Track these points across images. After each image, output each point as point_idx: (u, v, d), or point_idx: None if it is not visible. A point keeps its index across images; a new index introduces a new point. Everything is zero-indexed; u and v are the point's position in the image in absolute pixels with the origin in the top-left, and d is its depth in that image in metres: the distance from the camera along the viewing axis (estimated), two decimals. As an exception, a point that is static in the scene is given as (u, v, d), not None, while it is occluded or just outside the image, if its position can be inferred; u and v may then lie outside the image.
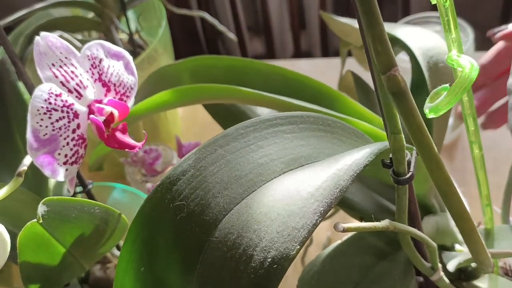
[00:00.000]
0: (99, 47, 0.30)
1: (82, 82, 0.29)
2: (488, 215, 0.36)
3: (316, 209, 0.22)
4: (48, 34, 0.28)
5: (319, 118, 0.30)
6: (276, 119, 0.28)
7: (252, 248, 0.22)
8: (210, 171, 0.26)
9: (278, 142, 0.27)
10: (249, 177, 0.26)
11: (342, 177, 0.24)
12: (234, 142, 0.27)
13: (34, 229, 0.28)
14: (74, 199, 0.29)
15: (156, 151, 0.64)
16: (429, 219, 0.37)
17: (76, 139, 0.28)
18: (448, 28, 0.26)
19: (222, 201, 0.25)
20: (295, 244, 0.21)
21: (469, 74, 0.21)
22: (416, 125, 0.21)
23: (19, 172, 0.29)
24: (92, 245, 0.32)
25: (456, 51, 0.26)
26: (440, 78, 0.37)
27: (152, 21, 0.73)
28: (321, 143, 0.29)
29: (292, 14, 1.38)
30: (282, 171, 0.26)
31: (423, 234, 0.29)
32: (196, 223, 0.25)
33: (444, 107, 0.21)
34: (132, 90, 0.32)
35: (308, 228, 0.22)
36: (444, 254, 0.37)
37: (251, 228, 0.23)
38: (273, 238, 0.22)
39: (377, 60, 0.20)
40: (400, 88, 0.20)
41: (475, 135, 0.32)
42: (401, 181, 0.26)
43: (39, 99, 0.27)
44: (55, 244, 0.30)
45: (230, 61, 0.42)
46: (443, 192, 0.25)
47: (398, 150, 0.25)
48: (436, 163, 0.23)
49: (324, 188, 0.23)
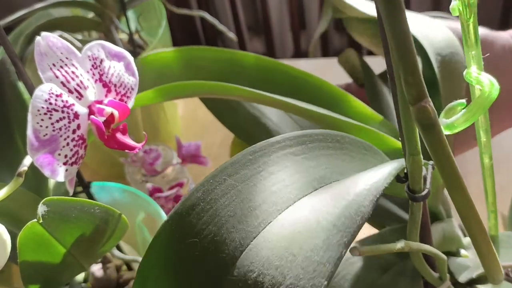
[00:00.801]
0: (100, 47, 0.30)
1: (82, 82, 0.29)
2: (493, 221, 0.36)
3: (340, 240, 0.21)
4: (49, 34, 0.28)
5: (327, 135, 0.28)
6: (284, 141, 0.27)
7: (277, 287, 0.21)
8: (221, 203, 0.24)
9: (289, 166, 0.26)
10: (263, 208, 0.24)
11: (362, 203, 0.23)
12: (244, 169, 0.25)
13: (34, 229, 0.28)
14: (74, 199, 0.29)
15: (156, 151, 0.64)
16: (436, 226, 0.37)
17: (76, 139, 0.29)
18: (470, 44, 0.25)
19: (237, 237, 0.23)
20: (322, 279, 0.20)
21: (489, 93, 0.21)
22: (445, 157, 0.20)
23: (19, 173, 0.29)
24: (92, 245, 0.32)
25: (476, 67, 0.25)
26: (451, 79, 0.37)
27: (152, 21, 0.73)
28: (331, 162, 0.27)
29: (292, 14, 1.38)
30: (297, 198, 0.25)
31: (435, 250, 0.28)
32: (212, 261, 0.23)
33: (460, 125, 0.21)
34: (133, 90, 0.32)
35: (333, 261, 0.21)
36: (450, 261, 0.37)
37: (273, 265, 0.21)
38: (298, 274, 0.21)
39: (406, 91, 0.19)
40: (430, 120, 0.19)
41: (486, 146, 0.32)
42: (417, 198, 0.25)
43: (40, 99, 0.27)
44: (55, 244, 0.30)
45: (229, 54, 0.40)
46: (464, 217, 0.24)
47: (415, 170, 0.24)
48: (460, 190, 0.22)
49: (346, 217, 0.22)
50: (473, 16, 0.24)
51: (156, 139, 0.73)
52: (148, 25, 0.74)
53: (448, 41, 0.39)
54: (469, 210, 0.24)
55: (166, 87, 0.37)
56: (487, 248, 0.26)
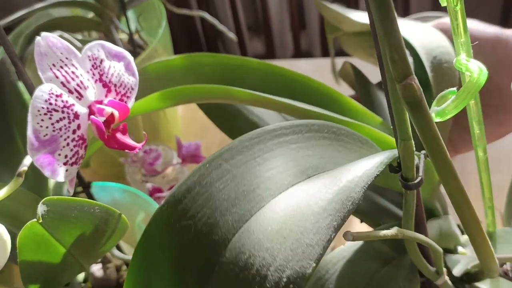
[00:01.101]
0: (100, 47, 0.30)
1: (82, 82, 0.29)
2: (490, 218, 0.36)
3: (330, 223, 0.21)
4: (49, 34, 0.28)
5: (324, 125, 0.29)
6: (280, 129, 0.27)
7: (266, 268, 0.21)
8: (216, 187, 0.25)
9: (284, 154, 0.26)
10: (257, 192, 0.24)
11: (353, 189, 0.23)
12: (239, 155, 0.26)
13: (34, 229, 0.28)
14: (74, 199, 0.29)
15: (156, 151, 0.64)
16: (433, 222, 0.37)
17: (76, 139, 0.29)
18: (457, 32, 0.26)
19: (230, 219, 0.24)
20: (310, 261, 0.20)
21: (477, 79, 0.21)
22: (431, 135, 0.21)
23: (19, 173, 0.29)
24: (92, 245, 0.32)
25: (465, 55, 0.26)
26: (444, 78, 0.37)
27: (152, 21, 0.73)
28: (327, 152, 0.28)
29: (292, 14, 1.38)
30: (290, 184, 0.25)
31: (430, 240, 0.28)
32: (205, 243, 0.24)
33: (451, 112, 0.21)
34: (133, 90, 0.32)
35: (322, 244, 0.21)
36: (448, 257, 0.37)
37: (263, 247, 0.22)
38: (287, 256, 0.21)
39: (393, 69, 0.19)
40: (416, 97, 0.19)
41: (480, 139, 0.32)
42: (410, 186, 0.26)
43: (40, 99, 0.27)
44: (55, 244, 0.30)
45: (227, 59, 0.40)
46: (456, 201, 0.24)
47: (407, 156, 0.25)
48: (450, 172, 0.23)
49: (336, 202, 0.22)
50: (460, 3, 0.24)
51: (156, 139, 0.73)
52: (148, 25, 0.74)
53: (439, 42, 0.39)
54: (459, 192, 0.24)
55: (171, 90, 0.37)
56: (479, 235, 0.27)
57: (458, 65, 0.23)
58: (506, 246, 0.35)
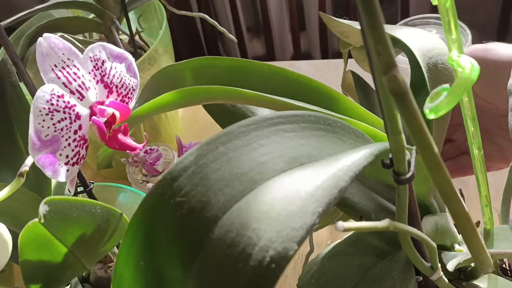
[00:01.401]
0: (101, 48, 0.30)
1: (84, 83, 0.29)
2: (488, 216, 0.37)
3: (315, 209, 0.22)
4: (50, 35, 0.28)
5: (320, 117, 0.30)
6: (277, 118, 0.28)
7: (251, 247, 0.22)
8: (212, 168, 0.26)
9: (279, 141, 0.27)
10: (250, 175, 0.26)
11: (341, 177, 0.24)
12: (236, 139, 0.27)
13: (35, 228, 0.28)
14: (75, 199, 0.29)
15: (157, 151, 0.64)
16: (429, 219, 0.37)
17: (77, 140, 0.29)
18: (448, 29, 0.26)
19: (222, 199, 0.25)
20: (293, 244, 0.21)
21: (469, 74, 0.21)
22: (417, 126, 0.21)
23: (20, 173, 0.29)
24: (94, 244, 0.33)
25: (457, 51, 0.26)
26: (440, 79, 0.37)
27: (152, 22, 0.74)
28: (322, 143, 0.29)
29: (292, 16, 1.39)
30: (283, 170, 0.26)
31: (423, 234, 0.29)
32: (196, 220, 0.25)
33: (444, 108, 0.21)
34: (134, 91, 0.32)
35: (306, 228, 0.22)
36: (444, 254, 0.37)
37: (250, 227, 0.23)
38: (272, 237, 0.22)
39: (378, 61, 0.20)
40: (401, 89, 0.20)
41: (475, 136, 0.32)
42: (402, 181, 0.26)
43: (42, 100, 0.27)
44: (57, 244, 0.30)
45: (231, 61, 0.42)
46: (444, 193, 0.25)
47: (398, 150, 0.25)
48: (437, 164, 0.23)
49: (323, 188, 0.23)
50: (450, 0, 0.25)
51: (157, 139, 0.73)
52: (148, 26, 0.75)
53: (434, 44, 0.39)
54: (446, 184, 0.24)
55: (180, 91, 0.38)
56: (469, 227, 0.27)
57: (450, 61, 0.24)
58: (503, 243, 0.35)
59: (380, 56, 0.20)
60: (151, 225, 0.26)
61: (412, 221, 0.32)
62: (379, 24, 0.19)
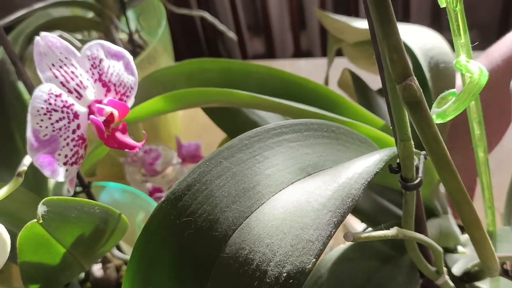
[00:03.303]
0: (99, 47, 0.30)
1: (82, 82, 0.29)
2: (490, 217, 0.36)
3: (330, 220, 0.22)
4: (48, 34, 0.28)
5: (323, 124, 0.29)
6: (280, 128, 0.27)
7: (266, 263, 0.21)
8: (216, 184, 0.25)
9: (283, 152, 0.27)
10: (257, 189, 0.25)
11: (353, 186, 0.23)
12: (239, 153, 0.26)
13: (34, 229, 0.28)
14: (74, 199, 0.29)
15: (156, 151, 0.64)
16: (433, 222, 0.37)
17: (76, 139, 0.28)
18: (457, 33, 0.26)
19: (231, 216, 0.24)
20: (310, 257, 0.21)
21: (478, 80, 0.21)
22: (432, 135, 0.21)
23: (19, 172, 0.29)
24: (92, 245, 0.32)
25: (465, 56, 0.26)
26: (442, 79, 0.37)
27: (152, 21, 0.73)
28: (326, 150, 0.28)
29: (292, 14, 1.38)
30: (290, 182, 0.25)
31: (430, 240, 0.28)
32: (205, 239, 0.24)
33: (451, 113, 0.21)
34: (132, 90, 0.32)
35: (323, 240, 0.21)
36: (447, 256, 0.37)
37: (263, 243, 0.22)
38: (287, 252, 0.21)
39: (392, 69, 0.19)
40: (416, 98, 0.19)
41: (480, 139, 0.32)
42: (409, 187, 0.26)
43: (39, 99, 0.27)
44: (55, 244, 0.30)
45: (226, 64, 0.41)
46: (456, 201, 0.24)
47: (407, 157, 0.25)
48: (450, 172, 0.23)
49: (336, 198, 0.22)
50: (460, 4, 0.24)
51: (156, 139, 0.73)
52: (148, 25, 0.74)
53: (435, 43, 0.39)
54: (459, 192, 0.24)
55: (174, 93, 0.37)
56: (480, 234, 0.27)
57: (458, 66, 0.23)
58: (506, 245, 0.35)
59: (394, 64, 0.19)
60: (157, 249, 0.25)
61: (418, 226, 0.31)
62: (394, 32, 0.19)
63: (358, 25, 0.44)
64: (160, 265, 0.25)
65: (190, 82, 0.41)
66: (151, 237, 0.25)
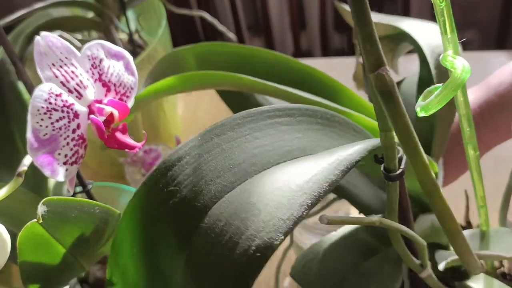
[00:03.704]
0: (99, 47, 0.30)
1: (82, 82, 0.29)
2: (484, 217, 0.36)
3: (304, 201, 0.22)
4: (48, 34, 0.28)
5: (317, 111, 0.30)
6: (274, 111, 0.28)
7: (238, 236, 0.22)
8: (205, 159, 0.26)
9: (274, 134, 0.28)
10: (242, 167, 0.26)
11: (332, 171, 0.24)
12: (231, 131, 0.27)
13: (34, 229, 0.28)
14: (74, 199, 0.29)
15: (156, 151, 0.64)
16: (425, 217, 0.37)
17: (76, 139, 0.28)
18: (444, 29, 0.26)
19: (214, 189, 0.25)
20: (279, 234, 0.22)
21: (460, 75, 0.21)
22: (402, 125, 0.21)
23: (19, 172, 0.29)
24: (92, 245, 0.32)
25: (452, 52, 0.26)
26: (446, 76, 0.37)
27: (152, 21, 0.73)
28: (318, 136, 0.29)
29: (292, 14, 1.38)
30: (276, 162, 0.26)
31: (411, 231, 0.29)
32: (188, 209, 0.25)
33: (434, 107, 0.21)
34: (132, 90, 0.32)
35: (293, 219, 0.22)
36: (438, 253, 0.37)
37: (239, 217, 0.23)
38: (259, 227, 0.22)
39: (366, 59, 0.20)
40: (387, 87, 0.20)
41: (470, 137, 0.32)
42: (391, 177, 0.27)
43: (39, 99, 0.27)
44: (55, 244, 0.30)
45: (236, 48, 0.42)
46: (428, 192, 0.25)
47: (389, 147, 0.25)
48: (421, 162, 0.23)
49: (313, 182, 0.23)
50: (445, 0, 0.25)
51: (156, 139, 0.73)
52: (148, 25, 0.74)
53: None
54: (430, 182, 0.24)
55: (186, 74, 0.39)
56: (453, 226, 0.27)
57: (444, 61, 0.24)
58: (498, 245, 0.35)
59: (367, 54, 0.20)
60: (145, 213, 0.27)
61: (403, 218, 0.32)
62: (368, 22, 0.19)
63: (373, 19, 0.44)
64: (146, 228, 0.27)
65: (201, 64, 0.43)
66: (140, 202, 0.27)
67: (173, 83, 0.39)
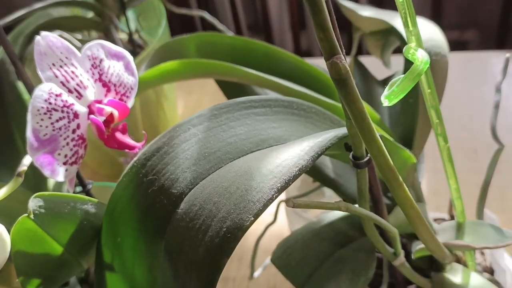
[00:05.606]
0: (99, 47, 0.30)
1: (82, 82, 0.29)
2: (459, 209, 0.37)
3: (274, 185, 0.23)
4: (48, 34, 0.28)
5: (293, 102, 0.31)
6: (250, 102, 0.29)
7: (211, 219, 0.23)
8: (182, 148, 0.27)
9: (249, 124, 0.29)
10: (217, 155, 0.27)
11: (303, 157, 0.25)
12: (207, 122, 0.28)
13: (26, 224, 0.27)
14: (65, 195, 0.29)
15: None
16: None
17: (76, 139, 0.29)
18: (405, 21, 0.27)
19: (189, 176, 0.26)
20: (249, 215, 0.22)
21: (419, 66, 0.22)
22: (357, 111, 0.22)
23: (19, 172, 0.29)
24: (88, 242, 0.32)
25: (414, 44, 0.27)
26: (432, 70, 0.37)
27: (151, 21, 0.73)
28: (293, 126, 0.30)
29: (292, 14, 1.38)
30: (250, 151, 0.28)
31: (381, 219, 0.30)
32: (165, 196, 0.26)
33: (396, 96, 0.22)
34: (132, 90, 0.32)
35: (263, 202, 0.22)
36: (415, 243, 0.38)
37: (212, 201, 0.24)
38: (230, 209, 0.23)
39: (321, 47, 0.20)
40: (341, 75, 0.21)
41: (440, 128, 0.32)
42: (359, 165, 0.27)
43: (40, 99, 0.27)
44: (50, 241, 0.30)
45: (233, 40, 0.43)
46: (386, 178, 0.25)
47: (355, 135, 0.26)
48: (377, 148, 0.24)
49: (283, 166, 0.24)
50: None
51: (156, 139, 0.73)
52: (147, 25, 0.74)
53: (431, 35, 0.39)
54: (388, 169, 0.25)
55: (188, 61, 0.39)
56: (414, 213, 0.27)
57: (407, 53, 0.24)
58: (471, 236, 0.35)
59: (322, 42, 0.20)
60: (126, 202, 0.28)
61: (376, 207, 0.33)
62: (320, 11, 0.19)
63: (367, 14, 0.44)
64: (128, 218, 0.28)
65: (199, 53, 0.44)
66: (122, 192, 0.28)
67: (174, 67, 0.40)
